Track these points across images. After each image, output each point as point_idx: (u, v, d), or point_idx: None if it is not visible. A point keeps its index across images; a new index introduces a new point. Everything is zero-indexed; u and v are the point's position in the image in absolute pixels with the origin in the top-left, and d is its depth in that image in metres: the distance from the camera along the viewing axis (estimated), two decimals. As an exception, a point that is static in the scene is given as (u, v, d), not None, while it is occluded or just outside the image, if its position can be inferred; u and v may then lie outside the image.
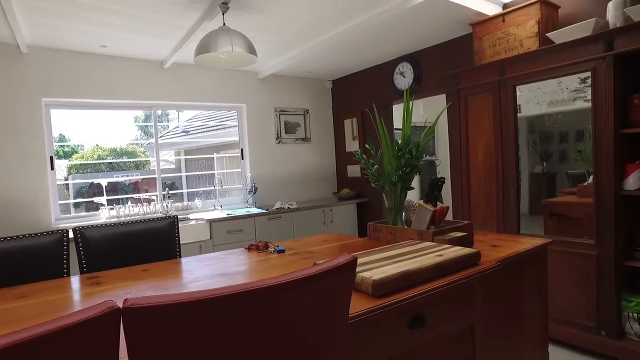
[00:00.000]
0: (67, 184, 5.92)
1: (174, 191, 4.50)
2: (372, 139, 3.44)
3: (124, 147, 8.15)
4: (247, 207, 4.37)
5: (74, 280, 1.58)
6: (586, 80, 2.35)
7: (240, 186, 4.69)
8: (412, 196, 1.87)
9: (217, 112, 6.25)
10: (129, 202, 4.20)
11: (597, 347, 2.33)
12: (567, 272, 2.44)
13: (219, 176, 4.57)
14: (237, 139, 4.70)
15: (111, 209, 3.78)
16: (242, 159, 4.67)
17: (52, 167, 3.52)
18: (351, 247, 1.86)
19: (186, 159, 8.07)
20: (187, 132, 8.49)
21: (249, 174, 4.53)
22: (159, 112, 4.29)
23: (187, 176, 7.04)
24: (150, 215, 3.88)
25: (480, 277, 1.35)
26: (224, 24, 2.70)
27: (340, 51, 3.88)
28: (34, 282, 1.56)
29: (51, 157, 3.52)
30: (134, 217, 3.81)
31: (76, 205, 5.23)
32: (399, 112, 1.95)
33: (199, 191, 4.98)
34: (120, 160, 7.70)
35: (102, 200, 4.21)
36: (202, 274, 1.56)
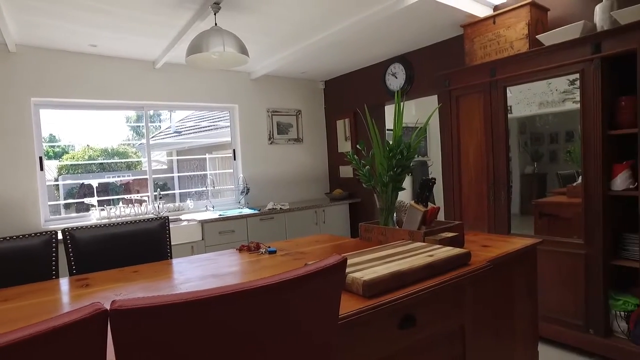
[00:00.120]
0: (58, 185, 5.85)
1: (166, 192, 4.47)
2: (364, 139, 3.45)
3: (115, 147, 8.07)
4: (239, 208, 4.36)
5: (62, 282, 1.56)
6: (575, 82, 2.38)
7: (232, 187, 4.67)
8: (405, 197, 1.88)
9: (210, 112, 6.22)
10: (120, 203, 4.16)
11: (586, 345, 2.36)
12: (556, 272, 2.47)
13: (211, 177, 4.55)
14: (230, 139, 4.68)
15: (102, 210, 3.75)
16: (235, 159, 4.66)
17: (42, 168, 3.48)
18: (343, 247, 1.86)
19: (178, 159, 8.02)
20: (180, 132, 8.44)
21: (241, 175, 4.52)
22: (151, 112, 4.26)
23: (179, 177, 6.99)
24: (141, 216, 3.86)
25: (470, 277, 1.35)
26: (216, 24, 2.69)
27: (332, 52, 3.88)
28: (21, 284, 1.54)
29: (40, 158, 3.47)
30: (125, 218, 3.78)
31: (66, 206, 5.17)
32: (391, 112, 1.95)
33: (191, 192, 4.95)
34: (111, 160, 7.63)
35: (93, 201, 4.17)
36: (193, 275, 1.55)
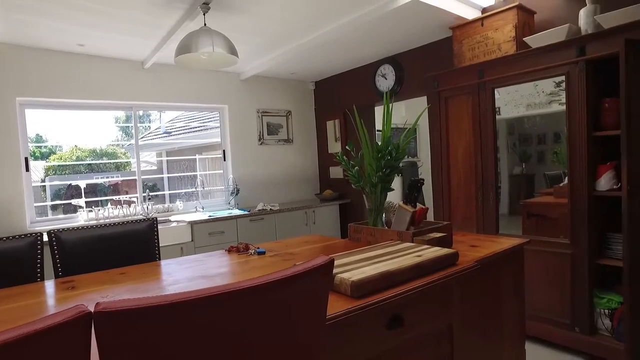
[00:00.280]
0: (44, 186, 5.76)
1: (155, 193, 4.43)
2: (354, 140, 3.46)
3: (104, 148, 7.97)
4: (229, 209, 4.34)
5: (47, 284, 1.54)
6: (561, 84, 2.41)
7: (222, 188, 4.65)
8: (394, 197, 1.88)
9: (200, 113, 6.18)
10: (109, 204, 4.11)
11: (572, 343, 2.39)
12: (543, 271, 2.50)
13: (201, 178, 4.52)
14: (219, 140, 4.66)
15: (90, 211, 3.70)
16: (224, 160, 4.63)
17: (27, 169, 3.43)
18: (332, 248, 1.87)
19: (168, 160, 7.96)
20: (169, 133, 8.37)
21: (231, 176, 4.50)
22: (140, 112, 4.22)
23: (169, 178, 6.94)
24: (130, 217, 3.82)
25: (458, 277, 1.37)
26: (205, 24, 2.68)
27: (322, 53, 3.89)
28: (5, 287, 1.51)
29: (26, 158, 3.42)
30: (113, 219, 3.74)
31: (54, 207, 5.09)
32: (382, 113, 1.96)
33: (181, 193, 4.91)
34: (100, 161, 7.54)
35: (81, 202, 4.11)
36: (182, 276, 1.54)
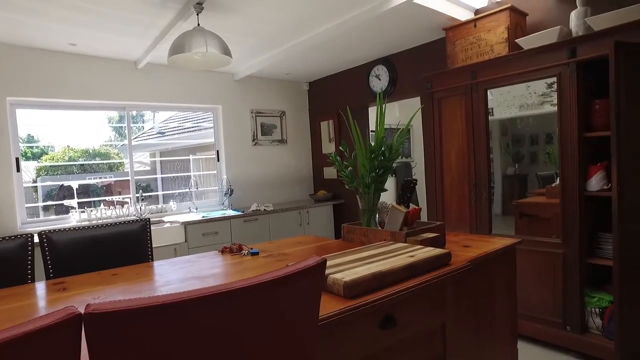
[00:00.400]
0: (36, 187, 5.71)
1: (149, 193, 4.41)
2: (348, 141, 3.46)
3: (97, 148, 7.91)
4: (222, 210, 4.33)
5: (38, 286, 1.53)
6: (552, 85, 2.44)
7: (216, 188, 4.63)
8: (388, 198, 1.89)
9: (194, 113, 6.16)
10: (102, 204, 4.08)
11: (563, 342, 2.41)
12: (535, 271, 2.52)
13: (195, 178, 4.50)
14: (213, 140, 4.65)
15: (82, 212, 3.68)
16: (218, 160, 4.62)
17: (18, 169, 3.39)
18: (326, 248, 1.87)
19: (161, 160, 7.91)
20: (163, 133, 8.32)
21: (225, 176, 4.49)
22: (134, 113, 4.20)
23: (162, 178, 6.90)
24: (123, 218, 3.79)
25: (450, 277, 1.37)
26: (199, 25, 2.67)
27: (316, 53, 3.89)
28: (-5, 289, 1.50)
29: (17, 159, 3.39)
30: (106, 220, 3.72)
31: (45, 208, 5.04)
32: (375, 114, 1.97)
33: (175, 193, 4.89)
34: (92, 162, 7.48)
35: (73, 203, 4.08)
36: (174, 277, 1.54)
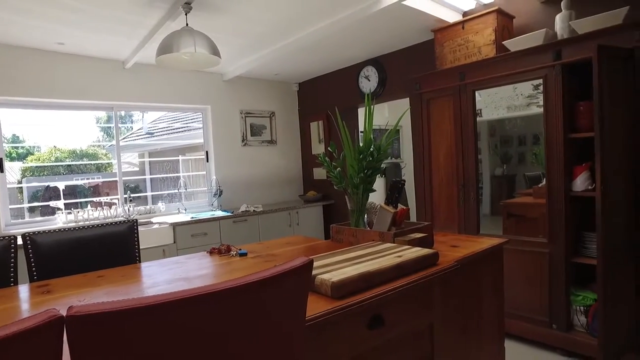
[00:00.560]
0: (21, 188, 5.61)
1: (138, 194, 4.36)
2: (337, 141, 3.46)
3: (84, 149, 7.79)
4: (212, 210, 4.30)
5: (22, 289, 1.50)
6: (538, 87, 2.47)
7: (205, 189, 4.61)
8: (377, 198, 1.90)
9: (183, 113, 6.11)
10: (89, 206, 4.03)
11: (549, 340, 2.45)
12: (522, 270, 2.55)
13: (184, 179, 4.47)
14: (202, 141, 4.62)
15: (69, 214, 3.62)
16: (207, 161, 4.59)
17: (2, 170, 3.34)
18: (314, 249, 1.87)
19: (150, 161, 7.84)
20: (152, 134, 8.24)
21: (214, 177, 4.46)
22: (122, 113, 4.15)
23: (151, 179, 6.83)
24: (110, 219, 3.75)
25: (438, 277, 1.38)
26: (187, 25, 2.65)
27: (306, 54, 3.89)
28: (-22, 292, 1.47)
29: (1, 159, 3.33)
30: (93, 221, 3.67)
31: (31, 209, 4.95)
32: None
33: (164, 194, 4.84)
34: (80, 162, 7.37)
35: (59, 204, 4.02)
36: (162, 278, 1.52)
